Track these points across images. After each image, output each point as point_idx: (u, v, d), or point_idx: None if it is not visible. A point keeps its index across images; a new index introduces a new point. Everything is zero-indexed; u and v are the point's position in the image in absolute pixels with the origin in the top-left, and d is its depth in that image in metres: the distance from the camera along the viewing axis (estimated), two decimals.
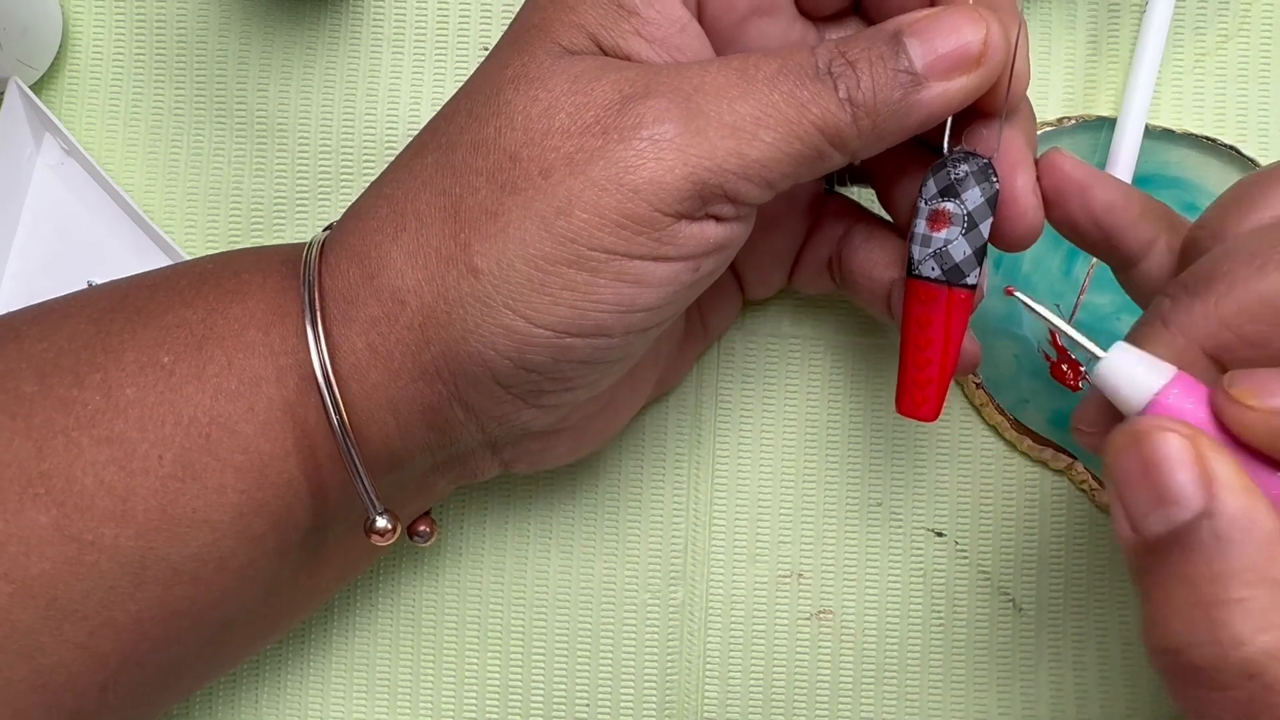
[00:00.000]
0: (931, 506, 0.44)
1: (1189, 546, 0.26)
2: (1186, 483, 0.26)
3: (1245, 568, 0.25)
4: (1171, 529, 0.26)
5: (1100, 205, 0.34)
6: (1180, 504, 0.26)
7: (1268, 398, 0.27)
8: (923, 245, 0.34)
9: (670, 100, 0.31)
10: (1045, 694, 0.43)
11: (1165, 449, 0.26)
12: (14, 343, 0.34)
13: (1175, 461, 0.26)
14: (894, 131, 0.32)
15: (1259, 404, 0.27)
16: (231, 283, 0.34)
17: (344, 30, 0.45)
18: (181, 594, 0.33)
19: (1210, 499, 0.26)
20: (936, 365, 0.35)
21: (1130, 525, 0.27)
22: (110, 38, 0.46)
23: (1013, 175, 0.33)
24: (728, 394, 0.44)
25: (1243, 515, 0.26)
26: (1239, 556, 0.25)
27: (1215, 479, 0.26)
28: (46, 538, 0.31)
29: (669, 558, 0.44)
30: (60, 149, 0.45)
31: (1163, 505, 0.26)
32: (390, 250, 0.33)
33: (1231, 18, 0.44)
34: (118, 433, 0.32)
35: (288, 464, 0.33)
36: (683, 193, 0.31)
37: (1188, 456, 0.26)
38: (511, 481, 0.44)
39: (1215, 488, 0.26)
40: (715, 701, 0.43)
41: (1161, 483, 0.26)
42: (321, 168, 0.45)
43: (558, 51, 0.32)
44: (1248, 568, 0.25)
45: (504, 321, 0.32)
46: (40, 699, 0.32)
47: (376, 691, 0.44)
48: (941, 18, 0.31)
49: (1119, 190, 0.34)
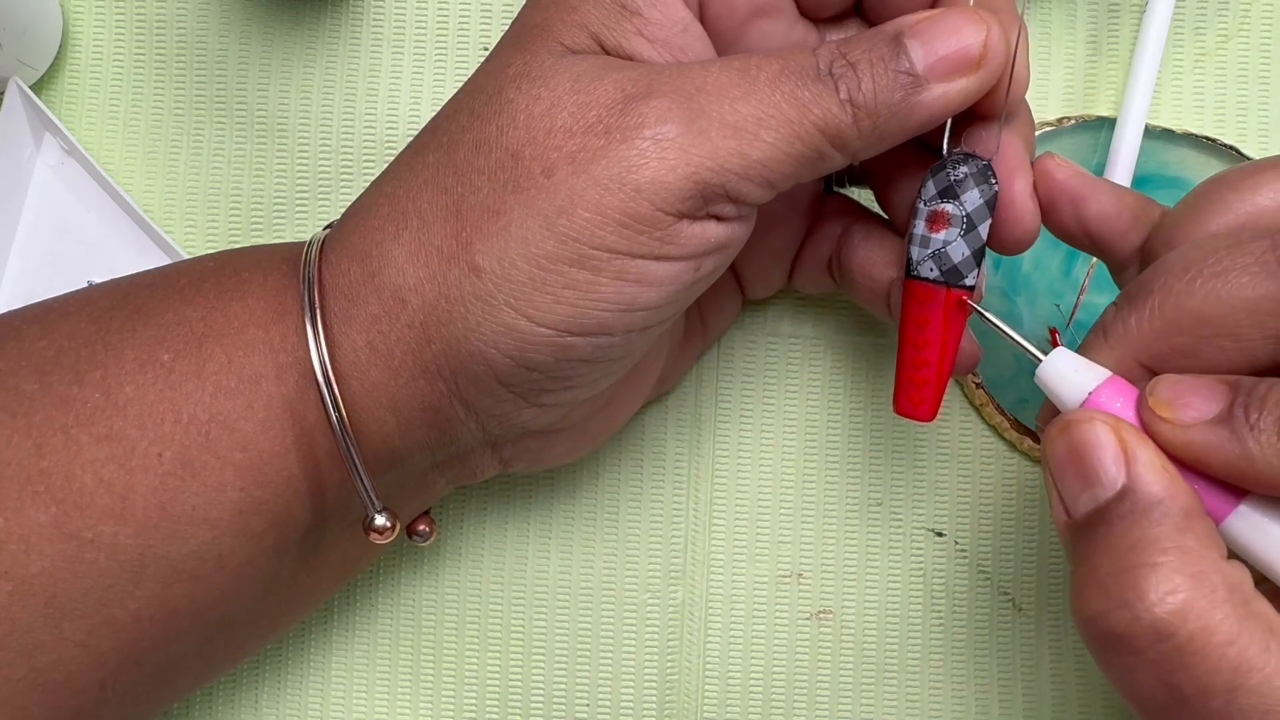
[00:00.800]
0: (931, 506, 0.44)
1: (1110, 520, 0.28)
2: (1109, 463, 0.28)
3: (1160, 536, 0.27)
4: (1096, 507, 0.28)
5: (1092, 214, 0.34)
6: (1104, 484, 0.28)
7: (1180, 409, 0.29)
8: (921, 246, 0.34)
9: (673, 100, 0.31)
10: (1047, 694, 0.43)
11: (1090, 435, 0.29)
12: (14, 341, 0.34)
13: (1099, 446, 0.28)
14: (894, 133, 0.32)
15: (1170, 417, 0.29)
16: (231, 281, 0.34)
17: (344, 30, 0.46)
18: (181, 592, 0.33)
19: (1130, 478, 0.28)
20: (934, 366, 0.35)
21: (1064, 510, 0.29)
22: (110, 38, 0.46)
23: (1011, 178, 0.34)
24: (728, 394, 0.44)
25: (1160, 490, 0.27)
26: (1155, 526, 0.27)
27: (1135, 459, 0.28)
28: (46, 535, 0.31)
29: (669, 558, 0.44)
30: (60, 149, 0.45)
31: (1089, 486, 0.28)
32: (391, 248, 0.33)
33: (1231, 18, 0.44)
34: (117, 430, 0.32)
35: (287, 462, 0.33)
36: (685, 192, 0.31)
37: (1110, 440, 0.28)
38: (511, 481, 0.44)
39: (1135, 467, 0.28)
40: (715, 701, 0.43)
41: (1087, 465, 0.28)
42: (321, 168, 0.45)
43: (560, 51, 0.32)
44: (1162, 537, 0.27)
45: (505, 320, 0.32)
46: (39, 697, 0.32)
47: (376, 691, 0.44)
48: (942, 20, 0.31)
49: (1112, 198, 0.34)
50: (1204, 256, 0.30)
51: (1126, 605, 0.26)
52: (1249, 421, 0.27)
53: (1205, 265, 0.29)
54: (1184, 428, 0.28)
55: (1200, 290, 0.29)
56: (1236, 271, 0.29)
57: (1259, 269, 0.29)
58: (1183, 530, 0.27)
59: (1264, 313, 0.28)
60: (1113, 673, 0.27)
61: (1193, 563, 0.26)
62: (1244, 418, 0.28)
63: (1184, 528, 0.27)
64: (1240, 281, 0.29)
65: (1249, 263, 0.29)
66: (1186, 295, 0.29)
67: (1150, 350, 0.30)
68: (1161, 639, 0.26)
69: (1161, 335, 0.30)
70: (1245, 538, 0.29)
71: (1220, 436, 0.28)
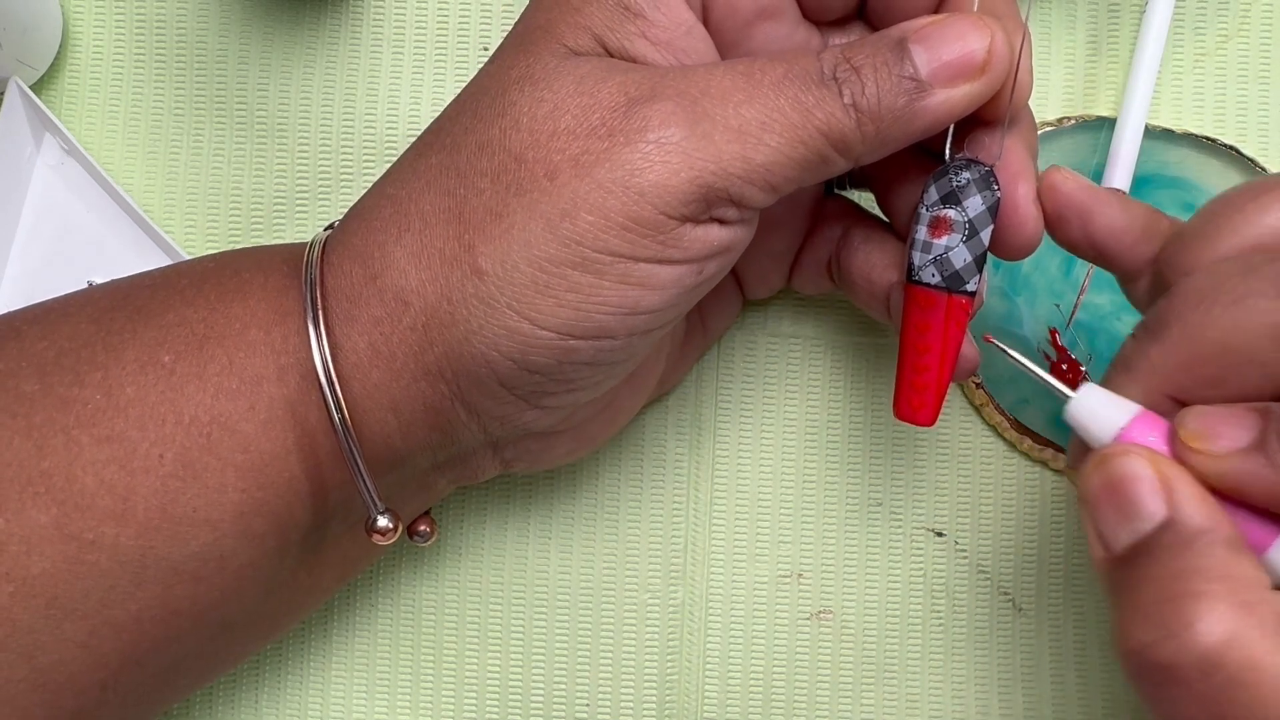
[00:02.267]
0: (931, 506, 0.44)
1: (1153, 552, 0.27)
2: (1148, 495, 0.28)
3: (1206, 566, 0.26)
4: (1138, 539, 0.28)
5: (1100, 228, 0.34)
6: (1144, 516, 0.28)
7: (1213, 440, 0.28)
8: (923, 251, 0.34)
9: (676, 104, 0.31)
10: (1047, 694, 0.43)
11: (1128, 469, 0.28)
12: (14, 342, 0.34)
13: (1137, 478, 0.28)
14: (897, 137, 0.32)
15: (1203, 448, 0.28)
16: (232, 282, 0.34)
17: (344, 30, 0.45)
18: (182, 593, 0.33)
19: (1172, 508, 0.28)
20: (934, 371, 0.35)
21: (1103, 546, 0.29)
22: (110, 38, 0.46)
23: (1014, 185, 0.34)
24: (728, 394, 0.44)
25: (1204, 519, 0.27)
26: (1200, 556, 0.27)
27: (1175, 491, 0.28)
28: (47, 537, 0.31)
29: (669, 558, 0.44)
30: (60, 149, 0.45)
31: (1129, 520, 0.28)
32: (394, 250, 0.33)
33: (1231, 18, 0.44)
34: (118, 431, 0.32)
35: (288, 463, 0.33)
36: (688, 196, 0.31)
37: (1148, 472, 0.28)
38: (511, 481, 0.44)
39: (1176, 499, 0.28)
40: (715, 701, 0.43)
41: (1126, 498, 0.28)
42: (321, 168, 0.45)
43: (563, 53, 0.32)
44: (1209, 566, 0.26)
45: (507, 323, 0.32)
46: (40, 698, 0.32)
47: (376, 691, 0.44)
48: (946, 25, 0.31)
49: (1120, 210, 0.34)
50: (1219, 284, 0.29)
51: (1173, 635, 0.26)
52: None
53: (1222, 293, 0.29)
54: (1218, 458, 0.28)
55: (1220, 320, 0.29)
56: (1254, 297, 0.29)
57: (1275, 293, 0.28)
58: (1229, 560, 0.26)
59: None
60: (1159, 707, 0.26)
61: (1241, 591, 0.26)
62: (1277, 443, 0.27)
63: (1229, 557, 0.27)
64: (1259, 307, 0.28)
65: (1265, 287, 0.29)
66: (1207, 326, 0.29)
67: (1175, 382, 0.30)
68: (1211, 670, 0.25)
69: (1185, 367, 0.30)
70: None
71: (1256, 464, 0.28)
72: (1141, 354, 0.30)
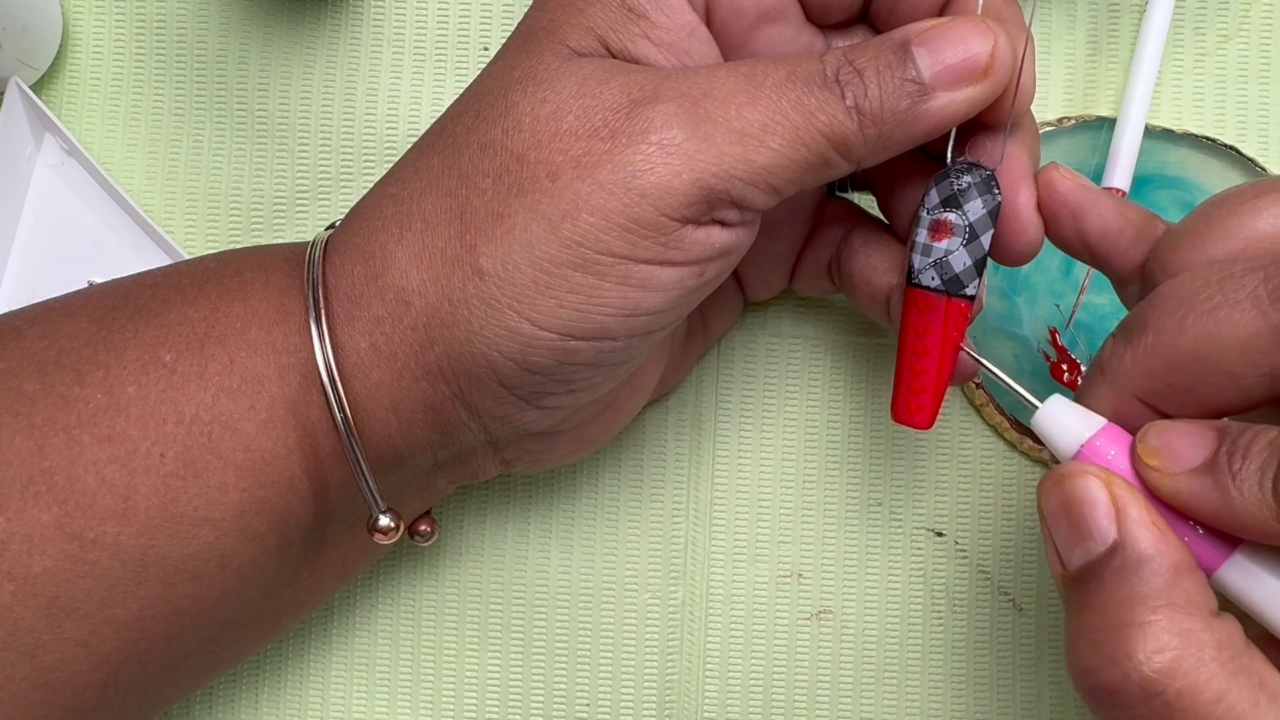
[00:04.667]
0: (931, 506, 0.44)
1: (1102, 576, 0.28)
2: (1101, 519, 0.28)
3: (1150, 594, 0.27)
4: (1089, 561, 0.28)
5: (1093, 228, 0.34)
6: (1095, 539, 0.28)
7: (1168, 457, 0.29)
8: (923, 254, 0.34)
9: (678, 105, 0.31)
10: (1046, 694, 0.43)
11: (1082, 490, 0.29)
12: (15, 341, 0.34)
13: (1091, 501, 0.29)
14: (900, 140, 0.32)
15: (1158, 465, 0.29)
16: (234, 281, 0.34)
17: (344, 30, 0.45)
18: (183, 592, 0.33)
19: (1121, 533, 0.28)
20: (933, 374, 0.35)
21: (1059, 561, 0.29)
22: (110, 38, 0.46)
23: (1015, 190, 0.33)
24: (728, 394, 0.44)
25: (1149, 547, 0.28)
26: (1145, 583, 0.27)
27: (1126, 515, 0.28)
28: (48, 536, 0.31)
29: (669, 558, 0.44)
30: (60, 149, 0.45)
31: (1081, 540, 0.29)
32: (395, 250, 0.33)
33: (1231, 18, 0.44)
34: (119, 431, 0.32)
35: (289, 462, 0.33)
36: (689, 198, 0.31)
37: (1101, 496, 0.29)
38: (511, 481, 0.44)
39: (1126, 523, 0.28)
40: (715, 701, 0.43)
41: (1080, 519, 0.29)
42: (321, 168, 0.45)
43: (566, 54, 0.32)
44: (1152, 594, 0.27)
45: (508, 323, 0.32)
46: (41, 697, 0.32)
47: (376, 691, 0.44)
48: (949, 28, 0.31)
49: (1114, 212, 0.34)
50: (1196, 292, 0.29)
51: (1116, 663, 0.27)
52: (1231, 470, 0.28)
53: (1197, 301, 0.29)
54: (1172, 475, 0.29)
55: (1193, 328, 0.29)
56: (1228, 308, 0.28)
57: (1250, 305, 0.28)
58: (1172, 587, 0.27)
59: (1257, 349, 0.28)
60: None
61: (1181, 620, 0.27)
62: (1227, 466, 0.28)
63: (1173, 584, 0.27)
64: (1232, 318, 0.28)
65: (1241, 298, 0.28)
66: (1179, 333, 0.29)
67: (1147, 387, 0.30)
68: (1151, 696, 0.26)
69: (1157, 373, 0.30)
70: (1239, 587, 0.29)
71: (1204, 484, 0.28)
72: (1117, 357, 0.31)
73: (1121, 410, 0.31)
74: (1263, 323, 0.28)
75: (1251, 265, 0.29)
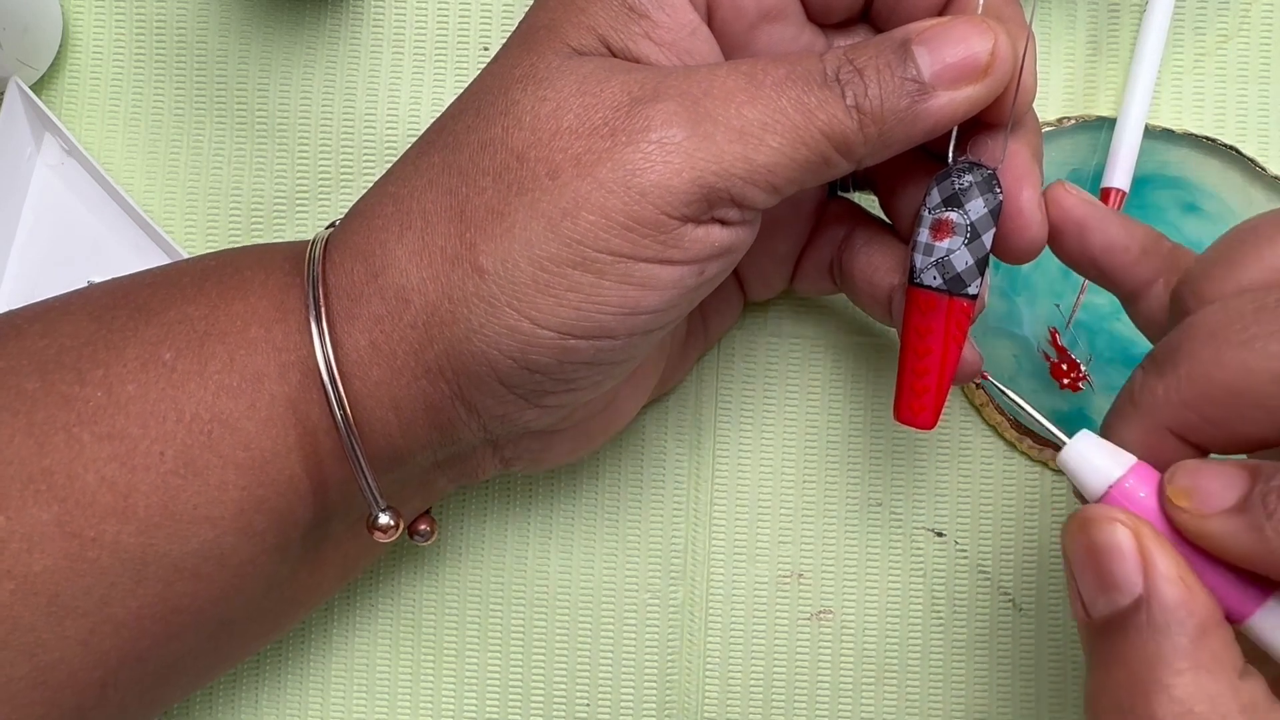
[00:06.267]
0: (931, 506, 0.44)
1: (1127, 631, 0.27)
2: (1127, 571, 0.28)
3: (1175, 654, 0.27)
4: (1114, 612, 0.28)
5: (1097, 245, 0.34)
6: (1121, 590, 0.28)
7: (1198, 499, 0.28)
8: (925, 254, 0.34)
9: (679, 104, 0.31)
10: (1045, 694, 0.43)
11: (1109, 538, 0.28)
12: (15, 340, 0.34)
13: (1117, 551, 0.28)
14: (900, 139, 0.32)
15: (1188, 507, 0.28)
16: (234, 279, 0.34)
17: (344, 30, 0.46)
18: (182, 591, 0.33)
19: (1148, 588, 0.27)
20: (935, 374, 0.35)
21: (1083, 608, 0.29)
22: (110, 38, 0.46)
23: (1017, 188, 0.33)
24: (728, 394, 0.44)
25: (1177, 604, 0.27)
26: (1170, 642, 0.27)
27: (1154, 568, 0.27)
28: (48, 534, 0.31)
29: (669, 558, 0.44)
30: (60, 149, 0.45)
31: (1106, 590, 0.28)
32: (395, 248, 0.33)
33: (1231, 18, 0.44)
34: (119, 429, 0.32)
35: (289, 461, 0.33)
36: (689, 196, 0.31)
37: (1129, 546, 0.28)
38: (511, 481, 0.44)
39: (1153, 577, 0.27)
40: (715, 701, 0.43)
41: (1105, 569, 0.28)
42: (321, 168, 0.45)
43: (566, 52, 0.32)
44: (1178, 654, 0.27)
45: (508, 322, 0.32)
46: (41, 695, 0.32)
47: (376, 691, 0.44)
48: (950, 27, 0.31)
49: (1120, 230, 0.34)
50: (1230, 322, 0.28)
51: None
52: (1266, 510, 0.27)
53: (1231, 333, 0.28)
54: (1203, 517, 0.28)
55: (1228, 360, 0.28)
56: (1264, 340, 0.28)
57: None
58: (1198, 647, 0.27)
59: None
60: None
61: (1207, 683, 0.26)
62: (1261, 506, 0.27)
63: (1199, 644, 0.27)
64: (1269, 351, 0.28)
65: (1276, 329, 0.28)
66: (1214, 366, 0.28)
67: (1179, 420, 0.29)
68: None
69: (1190, 406, 0.29)
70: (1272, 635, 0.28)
71: (1237, 526, 0.27)
72: (1148, 389, 0.30)
73: (1153, 443, 0.30)
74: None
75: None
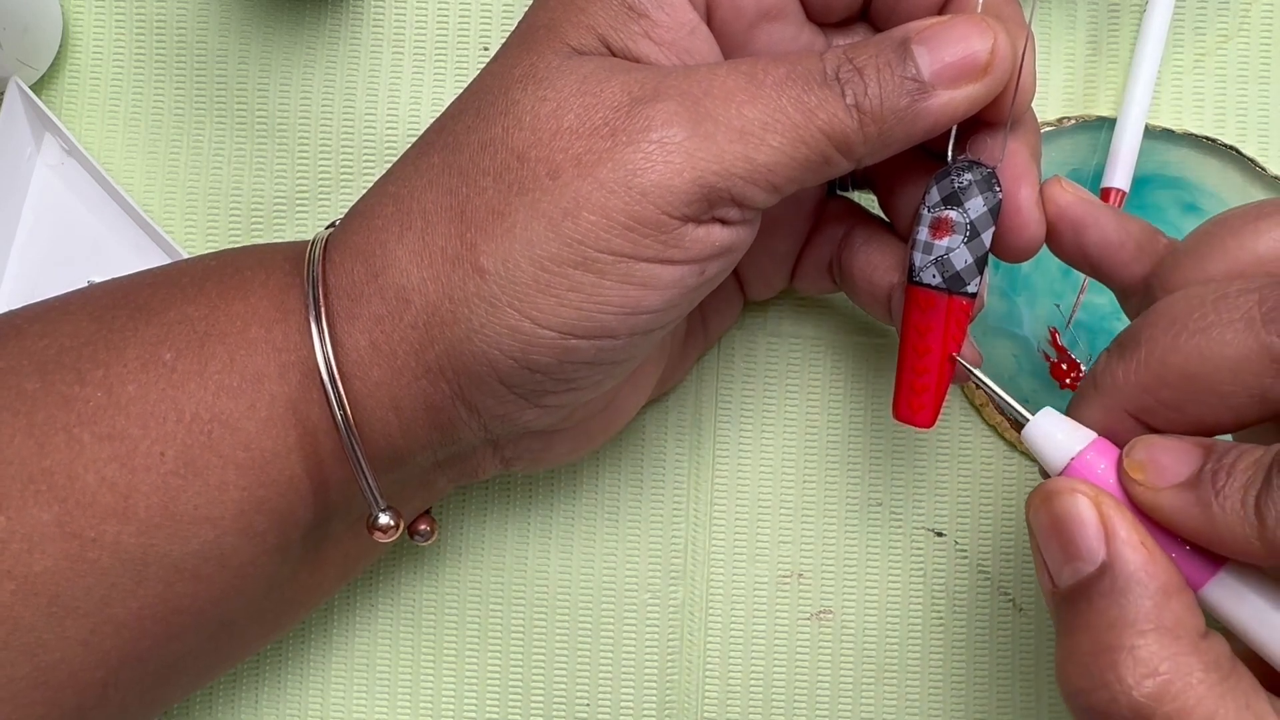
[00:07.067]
0: (931, 506, 0.44)
1: (1090, 597, 0.28)
2: (1089, 539, 0.28)
3: (1139, 617, 0.27)
4: (1078, 581, 0.28)
5: (1093, 241, 0.34)
6: (1084, 559, 0.28)
7: (1153, 473, 0.29)
8: (924, 252, 0.34)
9: (679, 104, 0.31)
10: (1045, 694, 0.43)
11: (1071, 509, 0.29)
12: (15, 340, 0.34)
13: (1079, 520, 0.29)
14: (900, 138, 0.32)
15: (1143, 480, 0.29)
16: (234, 280, 0.34)
17: (344, 30, 0.46)
18: (183, 591, 0.33)
19: (1110, 554, 0.28)
20: (934, 373, 0.35)
21: (1050, 579, 0.29)
22: (110, 38, 0.46)
23: (1016, 187, 0.34)
24: (728, 394, 0.44)
25: (1138, 568, 0.28)
26: (1133, 606, 0.27)
27: (1115, 535, 0.28)
28: (49, 535, 0.31)
29: (669, 558, 0.44)
30: (60, 149, 0.45)
31: (1070, 560, 0.29)
32: (395, 248, 0.33)
33: (1231, 18, 0.44)
34: (119, 429, 0.32)
35: (289, 461, 0.33)
36: (690, 196, 0.31)
37: (1090, 515, 0.29)
38: (511, 481, 0.44)
39: (1115, 544, 0.28)
40: (715, 701, 0.43)
41: (1068, 539, 0.29)
42: (321, 168, 0.45)
43: (566, 52, 0.32)
44: (1141, 617, 0.27)
45: (509, 322, 0.32)
46: (42, 696, 0.32)
47: (376, 691, 0.44)
48: (949, 26, 0.31)
49: (1116, 226, 0.34)
50: (1190, 310, 0.29)
51: (1106, 687, 0.27)
52: (1215, 487, 0.28)
53: (1190, 320, 0.29)
54: (1156, 490, 0.29)
55: (1184, 347, 0.29)
56: (1220, 328, 0.29)
57: (1243, 325, 0.28)
58: (1160, 609, 0.27)
59: (1247, 371, 0.28)
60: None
61: (1169, 644, 0.27)
62: (1210, 482, 0.28)
63: (1162, 606, 0.27)
64: (1224, 339, 0.28)
65: (1234, 318, 0.28)
66: (1171, 351, 0.29)
67: (1138, 403, 0.30)
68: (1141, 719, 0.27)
69: (1148, 389, 0.30)
70: (1223, 605, 0.29)
71: (1187, 500, 0.28)
72: (1110, 371, 0.31)
73: (1113, 425, 0.31)
74: (1254, 344, 0.28)
75: (1247, 286, 0.29)
